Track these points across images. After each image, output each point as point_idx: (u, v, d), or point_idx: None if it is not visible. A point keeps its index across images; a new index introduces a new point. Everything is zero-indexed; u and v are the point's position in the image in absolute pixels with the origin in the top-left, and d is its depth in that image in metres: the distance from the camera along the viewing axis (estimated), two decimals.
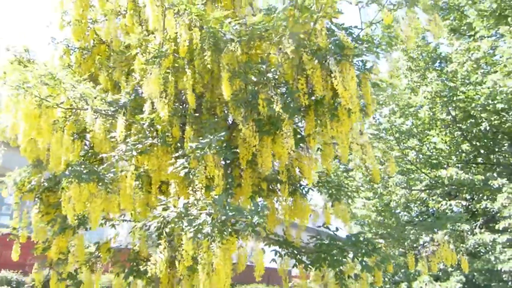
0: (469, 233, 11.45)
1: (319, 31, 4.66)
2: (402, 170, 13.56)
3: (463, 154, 13.94)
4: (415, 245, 6.96)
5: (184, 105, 5.95)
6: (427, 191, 13.86)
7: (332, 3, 4.97)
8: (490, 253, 11.33)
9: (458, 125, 13.62)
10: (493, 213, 11.97)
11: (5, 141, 5.95)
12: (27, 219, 5.84)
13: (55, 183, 5.41)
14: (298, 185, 6.05)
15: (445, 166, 13.54)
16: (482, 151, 14.08)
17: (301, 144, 5.60)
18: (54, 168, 5.13)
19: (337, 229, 5.76)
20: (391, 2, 5.05)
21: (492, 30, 14.27)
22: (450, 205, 13.19)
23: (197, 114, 5.43)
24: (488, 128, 13.10)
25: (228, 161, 5.55)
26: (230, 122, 6.18)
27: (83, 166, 4.66)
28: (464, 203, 13.27)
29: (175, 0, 5.06)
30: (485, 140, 13.62)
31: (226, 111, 5.72)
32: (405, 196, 13.25)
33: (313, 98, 5.18)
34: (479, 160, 14.24)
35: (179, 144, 5.31)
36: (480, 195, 13.23)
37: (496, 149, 13.51)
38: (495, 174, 12.85)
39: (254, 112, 5.14)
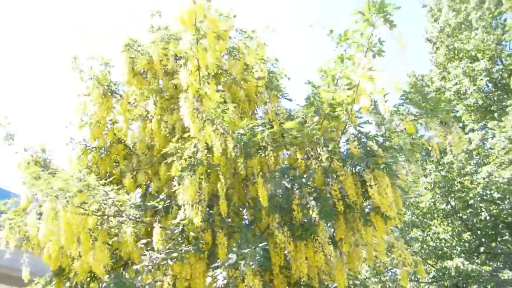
0: None
1: (350, 139, 4.91)
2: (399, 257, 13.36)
3: (466, 244, 13.92)
4: None
5: (210, 209, 5.96)
6: (435, 283, 13.57)
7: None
8: None
9: (458, 215, 13.78)
10: None
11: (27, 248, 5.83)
12: None
13: None
14: None
15: (450, 256, 13.46)
16: (484, 240, 14.10)
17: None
18: (83, 276, 4.99)
19: None
20: (412, 112, 5.44)
21: (480, 123, 15.16)
22: None
23: (228, 219, 5.44)
24: (488, 217, 13.29)
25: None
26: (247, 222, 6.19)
27: (120, 279, 4.53)
28: None
29: (210, 111, 5.29)
30: (486, 230, 13.70)
31: (254, 215, 5.76)
32: None
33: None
34: (482, 249, 14.20)
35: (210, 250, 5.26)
36: (488, 287, 13.00)
37: (498, 239, 13.54)
38: (500, 265, 12.80)
39: (286, 217, 5.20)
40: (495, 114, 14.32)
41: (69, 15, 37.60)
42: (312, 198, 4.96)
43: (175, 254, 4.81)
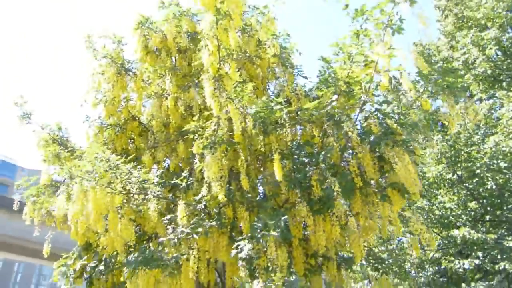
0: None
1: (370, 117, 5.02)
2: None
3: (472, 213, 14.20)
4: None
5: (229, 185, 6.11)
6: (440, 251, 13.94)
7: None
8: None
9: (464, 184, 14.00)
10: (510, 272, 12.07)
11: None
12: None
13: (109, 266, 5.47)
14: (342, 259, 6.17)
15: (456, 225, 13.76)
16: (489, 209, 14.37)
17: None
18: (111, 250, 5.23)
19: None
20: (427, 89, 5.51)
21: (488, 93, 15.14)
22: (463, 264, 13.27)
23: (249, 195, 5.62)
24: (493, 186, 13.51)
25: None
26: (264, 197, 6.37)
27: (146, 252, 4.76)
28: (477, 262, 13.34)
29: (230, 91, 5.35)
30: (492, 199, 13.94)
31: (271, 191, 5.93)
32: (419, 256, 13.31)
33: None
34: (487, 217, 14.50)
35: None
36: (492, 254, 13.36)
37: (504, 207, 13.80)
38: (505, 232, 13.12)
39: (304, 192, 5.37)
40: (504, 84, 14.29)
41: None
42: (330, 174, 5.10)
43: (200, 229, 5.01)
